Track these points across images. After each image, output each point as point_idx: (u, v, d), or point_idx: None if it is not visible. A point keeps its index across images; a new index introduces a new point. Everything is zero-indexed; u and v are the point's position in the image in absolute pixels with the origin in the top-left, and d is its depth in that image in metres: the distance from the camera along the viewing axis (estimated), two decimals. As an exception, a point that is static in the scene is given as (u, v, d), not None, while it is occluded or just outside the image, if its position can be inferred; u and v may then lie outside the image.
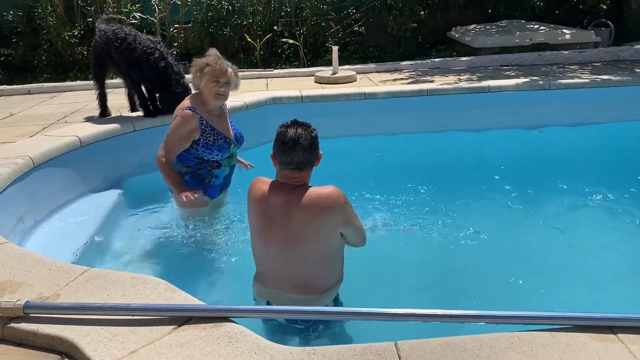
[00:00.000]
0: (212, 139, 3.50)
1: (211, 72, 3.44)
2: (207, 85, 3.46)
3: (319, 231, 2.38)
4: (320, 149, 2.54)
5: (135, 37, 4.49)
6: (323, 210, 2.35)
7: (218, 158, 3.58)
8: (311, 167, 2.50)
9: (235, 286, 3.19)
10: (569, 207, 4.36)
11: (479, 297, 3.09)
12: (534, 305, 3.02)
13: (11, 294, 2.07)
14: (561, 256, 3.66)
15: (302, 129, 2.45)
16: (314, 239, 2.38)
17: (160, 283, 2.08)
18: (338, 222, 2.40)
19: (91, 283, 2.11)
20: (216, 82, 3.45)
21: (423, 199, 4.45)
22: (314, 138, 2.47)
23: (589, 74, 6.51)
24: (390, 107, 5.61)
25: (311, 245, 2.39)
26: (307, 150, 2.42)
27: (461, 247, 3.73)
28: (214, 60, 3.48)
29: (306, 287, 2.43)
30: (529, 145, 5.64)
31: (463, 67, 7.59)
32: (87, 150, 4.26)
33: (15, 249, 2.43)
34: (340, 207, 2.38)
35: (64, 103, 6.09)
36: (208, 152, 3.52)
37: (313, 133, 2.48)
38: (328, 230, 2.39)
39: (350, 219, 2.46)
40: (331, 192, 2.38)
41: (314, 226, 2.36)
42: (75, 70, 8.56)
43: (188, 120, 3.45)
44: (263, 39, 8.75)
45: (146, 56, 4.39)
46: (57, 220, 3.74)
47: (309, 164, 2.46)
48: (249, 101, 5.39)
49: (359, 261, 3.03)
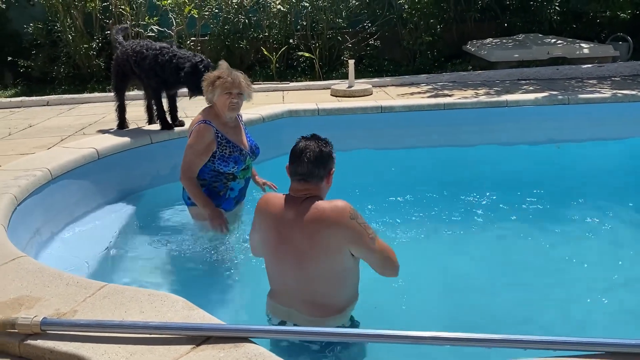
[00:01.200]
0: (227, 152, 3.49)
1: (223, 85, 3.43)
2: (219, 98, 3.45)
3: (325, 247, 2.29)
4: (333, 166, 2.45)
5: (147, 46, 4.54)
6: (326, 225, 2.26)
7: (234, 171, 3.56)
8: (319, 181, 2.40)
9: (250, 303, 3.14)
10: (587, 226, 4.26)
11: (502, 319, 3.01)
12: (560, 329, 2.93)
13: (28, 309, 2.05)
14: (581, 276, 3.55)
15: (313, 142, 2.41)
16: (323, 255, 2.29)
17: (178, 300, 2.05)
18: (343, 240, 2.27)
19: (108, 299, 2.08)
20: (229, 93, 3.44)
21: (439, 216, 4.38)
22: (322, 152, 2.39)
23: (609, 88, 6.42)
24: (407, 120, 5.57)
25: (321, 262, 2.30)
26: (312, 163, 2.35)
27: (479, 266, 3.67)
28: (225, 73, 3.48)
29: (320, 306, 2.37)
30: (546, 161, 5.55)
31: (480, 81, 7.54)
32: (104, 162, 4.27)
33: (33, 263, 2.41)
34: (345, 224, 2.25)
35: (81, 115, 6.14)
36: (224, 165, 3.50)
37: (324, 147, 2.41)
38: (334, 247, 2.29)
39: (362, 239, 2.29)
40: (335, 207, 2.28)
41: (320, 242, 2.28)
42: (93, 82, 8.66)
43: (204, 134, 3.44)
44: (279, 52, 8.78)
45: (155, 59, 4.40)
46: (73, 233, 3.74)
47: (314, 176, 2.38)
48: (266, 114, 5.38)
49: (377, 280, 2.97)
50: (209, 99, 3.53)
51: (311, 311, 2.38)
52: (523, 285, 3.45)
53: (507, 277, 3.56)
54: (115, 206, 4.19)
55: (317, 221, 2.28)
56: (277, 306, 2.49)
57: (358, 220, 2.29)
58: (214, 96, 3.47)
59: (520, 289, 3.38)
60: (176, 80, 4.35)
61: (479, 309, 3.14)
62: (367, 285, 2.64)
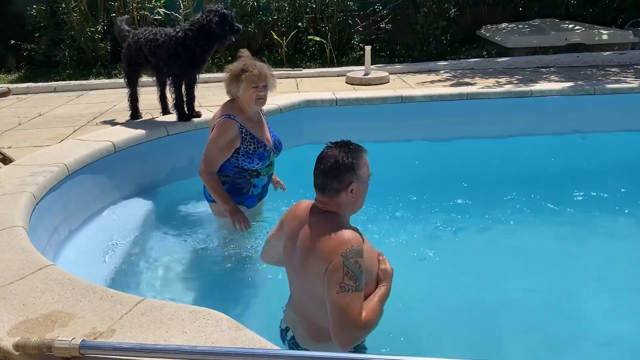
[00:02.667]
0: (252, 148, 3.34)
1: (250, 79, 3.26)
2: (245, 92, 3.29)
3: (309, 272, 2.09)
4: (355, 181, 2.13)
5: (160, 33, 4.37)
6: (316, 251, 2.04)
7: (258, 167, 3.41)
8: (334, 195, 2.14)
9: (273, 308, 3.01)
10: (615, 221, 4.14)
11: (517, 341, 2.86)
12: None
13: (62, 327, 1.92)
14: (610, 281, 3.38)
15: (336, 150, 2.14)
16: (309, 278, 2.10)
17: (222, 319, 1.91)
18: (321, 272, 2.01)
19: (147, 317, 1.94)
20: (255, 87, 3.28)
21: (462, 210, 4.26)
22: (338, 164, 2.10)
23: (634, 77, 6.24)
24: (428, 111, 5.40)
25: (310, 284, 2.11)
26: (326, 175, 2.12)
27: (502, 268, 3.51)
28: (251, 65, 3.30)
29: (316, 327, 2.19)
30: (572, 153, 5.41)
31: (499, 69, 7.35)
32: (121, 155, 4.11)
33: (61, 272, 2.27)
34: (330, 259, 1.98)
35: (91, 102, 5.95)
36: (249, 161, 3.35)
37: (344, 159, 2.11)
38: (315, 275, 2.05)
39: (331, 282, 1.96)
40: (336, 237, 2.02)
41: (308, 265, 2.09)
42: (98, 66, 8.44)
43: (227, 129, 3.28)
44: (288, 36, 8.55)
45: (175, 41, 4.23)
46: (91, 231, 3.60)
47: (328, 189, 2.13)
48: (283, 104, 5.21)
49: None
50: (233, 93, 3.36)
51: (307, 329, 2.25)
52: (557, 282, 3.32)
53: (532, 275, 3.42)
54: (132, 201, 4.05)
55: (313, 242, 2.08)
56: (288, 311, 2.39)
57: (348, 261, 1.97)
58: (239, 90, 3.30)
59: (554, 286, 3.26)
60: (206, 44, 4.18)
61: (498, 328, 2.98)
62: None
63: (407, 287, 2.95)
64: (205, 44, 4.20)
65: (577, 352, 2.76)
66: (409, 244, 3.73)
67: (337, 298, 1.96)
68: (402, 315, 2.83)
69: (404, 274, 3.23)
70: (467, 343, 2.86)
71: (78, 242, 3.46)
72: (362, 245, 2.05)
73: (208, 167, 3.32)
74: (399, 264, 3.36)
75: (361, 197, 2.20)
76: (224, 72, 3.41)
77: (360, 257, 2.01)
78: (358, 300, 1.99)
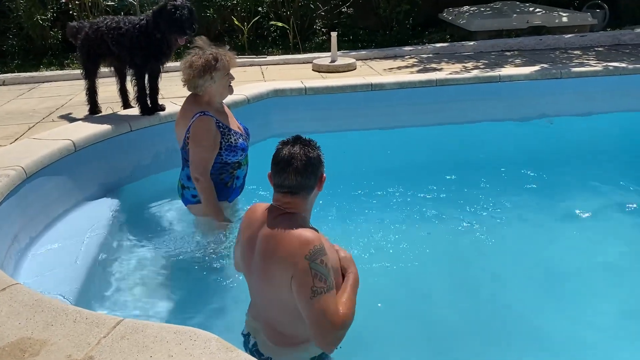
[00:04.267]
0: (233, 140, 3.18)
1: (224, 67, 3.10)
2: (220, 82, 3.13)
3: (272, 277, 2.02)
4: (324, 170, 2.15)
5: (123, 20, 4.14)
6: (278, 254, 1.97)
7: (241, 159, 3.27)
8: (307, 193, 2.10)
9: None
10: (581, 203, 4.18)
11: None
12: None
13: (33, 356, 1.74)
14: (573, 254, 3.45)
15: (299, 147, 2.08)
16: (272, 283, 2.03)
17: (211, 340, 1.77)
18: (287, 276, 1.95)
19: (127, 340, 1.79)
20: (228, 74, 3.13)
21: (434, 198, 4.24)
22: (311, 159, 2.07)
23: (596, 60, 6.32)
24: (398, 98, 5.32)
25: (273, 289, 2.04)
26: (301, 174, 2.05)
27: (470, 249, 3.53)
28: (220, 53, 3.13)
29: (279, 334, 2.13)
30: (540, 137, 5.44)
31: (465, 53, 7.33)
32: (82, 154, 3.86)
33: (29, 293, 2.07)
34: (295, 262, 1.92)
35: (45, 96, 5.61)
36: (232, 155, 3.20)
37: (311, 153, 2.08)
38: (279, 280, 1.99)
39: (302, 286, 1.91)
40: (297, 238, 1.96)
41: (270, 269, 2.02)
42: (49, 56, 8.01)
43: (209, 128, 3.10)
44: (249, 22, 8.31)
45: (138, 29, 4.01)
46: (54, 237, 3.36)
47: (302, 188, 2.08)
48: (250, 94, 5.02)
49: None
50: (204, 87, 3.16)
51: (270, 336, 2.18)
52: (512, 267, 3.34)
53: (495, 261, 3.42)
54: (96, 202, 3.83)
55: (274, 245, 2.00)
56: (249, 318, 2.32)
57: (314, 263, 1.92)
58: (213, 81, 3.12)
59: (511, 272, 3.28)
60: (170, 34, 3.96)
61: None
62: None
63: (373, 277, 2.96)
64: (168, 34, 3.98)
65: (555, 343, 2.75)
66: (382, 235, 3.67)
67: (312, 303, 1.92)
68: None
69: (374, 265, 3.21)
70: (432, 340, 2.81)
71: (41, 251, 3.24)
72: (323, 243, 1.99)
73: (204, 173, 3.12)
74: (372, 254, 3.31)
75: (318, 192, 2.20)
76: (185, 66, 3.16)
77: (324, 255, 1.96)
78: (332, 299, 1.96)
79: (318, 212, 2.33)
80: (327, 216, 3.83)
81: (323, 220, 2.52)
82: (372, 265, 3.21)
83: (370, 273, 2.96)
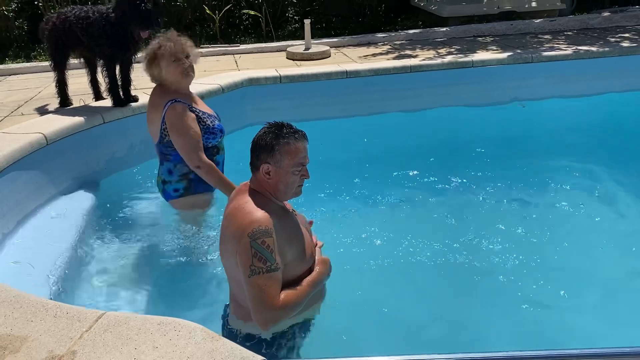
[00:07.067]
0: (209, 122, 3.15)
1: (168, 54, 3.05)
2: (169, 69, 3.07)
3: (223, 251, 2.14)
4: (271, 162, 2.09)
5: (92, 10, 4.04)
6: (227, 231, 2.08)
7: (219, 142, 3.24)
8: (255, 171, 2.16)
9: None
10: (557, 185, 4.26)
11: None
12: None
13: (14, 353, 1.71)
14: (551, 241, 3.43)
15: (266, 128, 2.15)
16: (228, 256, 2.10)
17: (196, 329, 1.76)
18: (232, 253, 2.03)
19: (111, 333, 1.77)
20: (177, 60, 3.06)
21: (412, 184, 4.27)
22: (257, 142, 2.12)
23: (565, 44, 6.43)
24: (373, 85, 5.34)
25: (228, 262, 2.12)
26: (251, 149, 2.17)
27: (446, 237, 3.46)
28: (164, 40, 3.09)
29: (239, 307, 2.19)
30: (513, 120, 5.52)
31: (438, 39, 7.37)
32: (54, 148, 3.77)
33: (7, 289, 2.03)
34: (237, 239, 1.98)
35: (12, 89, 5.47)
36: (212, 137, 3.15)
37: (262, 138, 2.11)
38: (228, 255, 2.09)
39: (241, 263, 1.97)
40: (244, 216, 2.01)
41: (223, 243, 2.13)
42: (14, 47, 7.78)
43: (186, 113, 3.06)
44: (220, 10, 8.20)
45: (105, 18, 3.92)
46: (27, 233, 3.28)
47: (251, 163, 2.17)
48: (224, 83, 4.98)
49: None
50: (157, 76, 3.12)
51: (233, 308, 2.25)
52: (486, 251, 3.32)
53: (470, 245, 3.40)
54: (70, 196, 3.75)
55: (227, 223, 2.10)
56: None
57: (255, 242, 1.95)
58: (161, 70, 3.08)
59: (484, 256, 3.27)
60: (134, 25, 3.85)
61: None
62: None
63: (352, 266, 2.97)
64: (131, 26, 3.89)
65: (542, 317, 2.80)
66: (359, 222, 3.68)
67: (249, 282, 1.97)
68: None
69: (353, 252, 3.22)
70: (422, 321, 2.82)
71: (14, 248, 3.16)
72: (271, 226, 2.00)
73: (201, 157, 3.05)
74: (351, 240, 3.29)
75: (282, 183, 2.12)
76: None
77: (268, 237, 1.97)
78: (272, 281, 1.97)
79: (294, 201, 2.32)
80: (304, 204, 3.83)
81: (298, 208, 2.53)
82: (351, 252, 3.22)
83: (349, 261, 2.98)
